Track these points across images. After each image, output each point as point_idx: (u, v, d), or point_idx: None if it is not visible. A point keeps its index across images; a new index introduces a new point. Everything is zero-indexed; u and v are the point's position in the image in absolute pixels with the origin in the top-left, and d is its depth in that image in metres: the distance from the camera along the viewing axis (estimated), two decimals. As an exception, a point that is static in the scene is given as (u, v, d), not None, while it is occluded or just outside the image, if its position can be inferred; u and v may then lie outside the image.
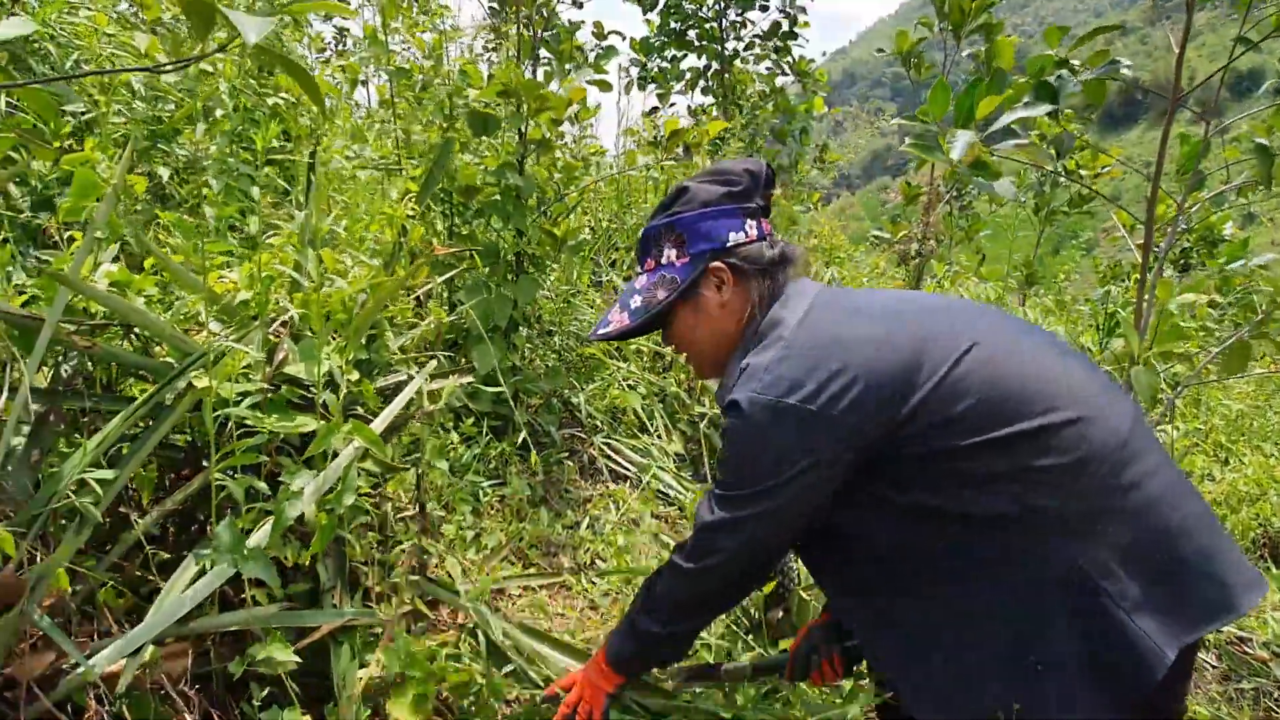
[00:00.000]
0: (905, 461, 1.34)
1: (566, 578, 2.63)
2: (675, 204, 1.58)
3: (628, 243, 4.45)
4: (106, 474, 1.45)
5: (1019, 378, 1.32)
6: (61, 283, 1.43)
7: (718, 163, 1.62)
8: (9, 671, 1.33)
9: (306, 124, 3.38)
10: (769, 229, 1.60)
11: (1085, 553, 1.25)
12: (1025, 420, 1.28)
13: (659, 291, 1.58)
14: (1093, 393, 1.34)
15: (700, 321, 1.59)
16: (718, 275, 1.55)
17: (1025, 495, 1.27)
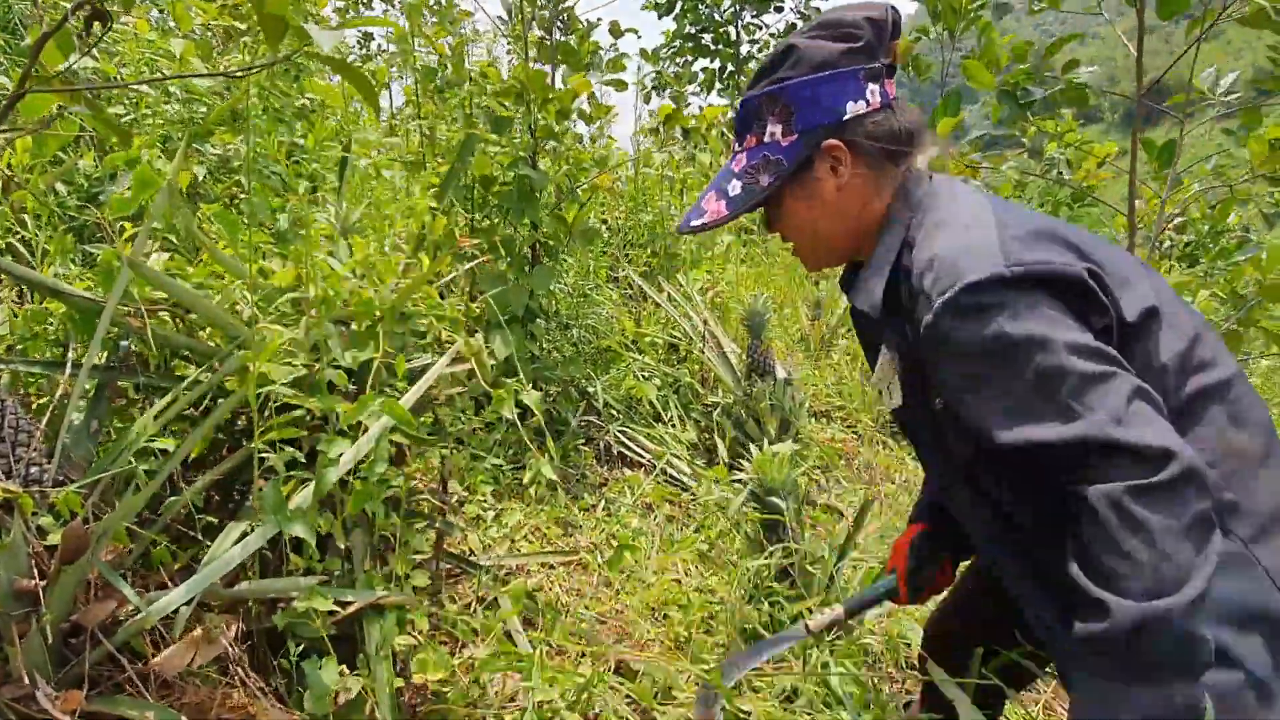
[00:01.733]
0: None
1: (583, 556, 2.75)
2: (781, 66, 1.29)
3: (643, 240, 4.56)
4: (170, 443, 1.59)
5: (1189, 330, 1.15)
6: (132, 268, 1.57)
7: (833, 10, 1.32)
8: (75, 618, 1.46)
9: (333, 125, 3.52)
10: (894, 93, 1.32)
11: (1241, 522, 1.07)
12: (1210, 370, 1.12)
13: (762, 176, 1.32)
14: None
15: (814, 209, 1.33)
16: (834, 155, 1.29)
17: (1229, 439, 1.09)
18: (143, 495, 1.49)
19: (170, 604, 1.52)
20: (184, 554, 1.72)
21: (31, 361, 1.74)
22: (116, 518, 1.46)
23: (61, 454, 1.57)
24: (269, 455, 1.66)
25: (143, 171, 1.67)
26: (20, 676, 1.36)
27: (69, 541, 1.40)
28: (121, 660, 1.48)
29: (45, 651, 1.41)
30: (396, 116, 4.22)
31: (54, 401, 1.62)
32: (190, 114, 3.10)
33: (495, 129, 3.04)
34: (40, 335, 1.78)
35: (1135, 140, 2.69)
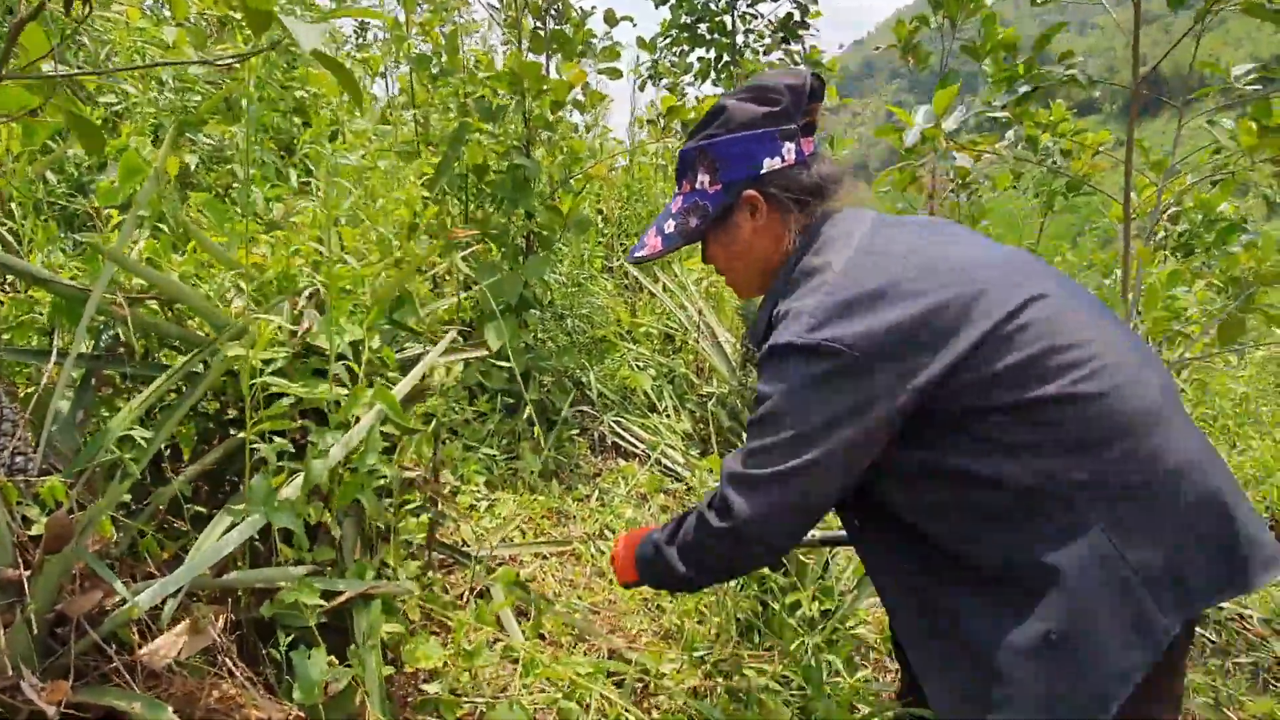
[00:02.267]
0: (939, 423, 1.28)
1: (576, 546, 2.74)
2: (711, 125, 1.51)
3: (638, 229, 4.54)
4: (146, 433, 1.58)
5: (1070, 340, 1.25)
6: (110, 258, 1.55)
7: (759, 76, 1.52)
8: (61, 608, 1.45)
9: (327, 115, 3.50)
10: (810, 149, 1.51)
11: (1110, 521, 1.20)
12: (1064, 383, 1.22)
13: (691, 218, 1.54)
14: (1128, 360, 1.28)
15: (734, 249, 1.55)
16: (751, 203, 1.50)
17: (1053, 461, 1.22)
18: (125, 484, 1.48)
19: (158, 594, 1.51)
20: (172, 545, 1.71)
21: (17, 350, 1.73)
22: (101, 507, 1.45)
23: (47, 443, 1.56)
24: (260, 445, 1.65)
25: (130, 159, 1.65)
26: (5, 667, 1.35)
27: (53, 531, 1.39)
28: (108, 651, 1.47)
29: (30, 642, 1.40)
30: (391, 106, 4.20)
31: (40, 390, 1.61)
32: (183, 103, 3.08)
33: (488, 118, 3.02)
34: (26, 324, 1.77)
35: (1132, 131, 2.68)
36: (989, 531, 1.27)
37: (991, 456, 1.25)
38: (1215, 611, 3.21)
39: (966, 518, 1.30)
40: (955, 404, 1.26)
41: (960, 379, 1.24)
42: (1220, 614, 3.21)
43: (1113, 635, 1.18)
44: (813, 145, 1.52)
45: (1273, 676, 2.93)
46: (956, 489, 1.29)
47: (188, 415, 1.83)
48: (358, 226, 2.15)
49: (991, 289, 1.28)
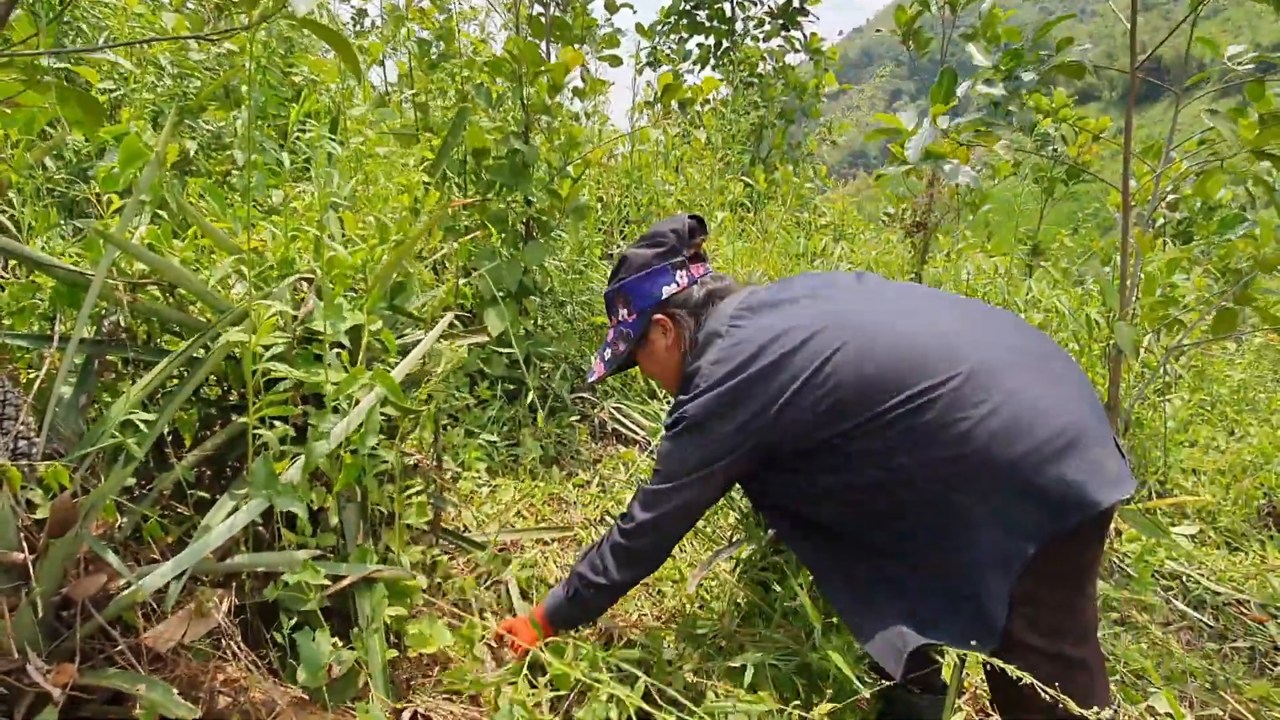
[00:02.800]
0: (792, 453, 1.66)
1: (577, 532, 2.75)
2: (620, 271, 1.96)
3: (637, 216, 4.54)
4: (148, 417, 1.58)
5: (881, 364, 1.55)
6: (111, 242, 1.55)
7: (652, 226, 1.97)
8: (65, 591, 1.46)
9: (326, 102, 3.49)
10: (700, 271, 1.94)
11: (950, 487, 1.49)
12: (875, 407, 1.53)
13: (620, 345, 1.98)
14: (945, 354, 1.54)
15: (655, 361, 1.97)
16: (660, 324, 1.91)
17: (892, 461, 1.53)
18: (129, 468, 1.48)
19: (162, 578, 1.51)
20: (175, 529, 1.71)
21: (18, 335, 1.73)
22: (104, 491, 1.46)
23: (50, 428, 1.56)
24: (262, 430, 1.65)
25: (130, 144, 1.65)
26: (10, 650, 1.36)
27: (57, 515, 1.40)
28: (113, 634, 1.48)
29: (36, 625, 1.41)
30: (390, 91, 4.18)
31: (42, 376, 1.61)
32: (182, 89, 3.07)
33: (487, 103, 3.01)
34: (28, 309, 1.77)
35: (1130, 117, 2.67)
36: (861, 515, 1.65)
37: (842, 469, 1.61)
38: (1212, 596, 3.23)
39: (846, 510, 1.67)
40: (796, 437, 1.63)
41: (788, 418, 1.60)
42: (1218, 599, 3.23)
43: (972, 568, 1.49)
44: (703, 269, 1.95)
45: (1270, 661, 2.95)
46: (831, 494, 1.67)
47: (189, 401, 1.84)
48: (357, 212, 2.15)
49: (820, 335, 1.61)
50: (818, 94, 6.55)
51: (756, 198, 5.80)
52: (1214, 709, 2.46)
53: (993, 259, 5.55)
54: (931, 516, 1.53)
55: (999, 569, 1.46)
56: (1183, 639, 2.93)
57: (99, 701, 1.51)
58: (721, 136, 5.25)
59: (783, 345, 1.63)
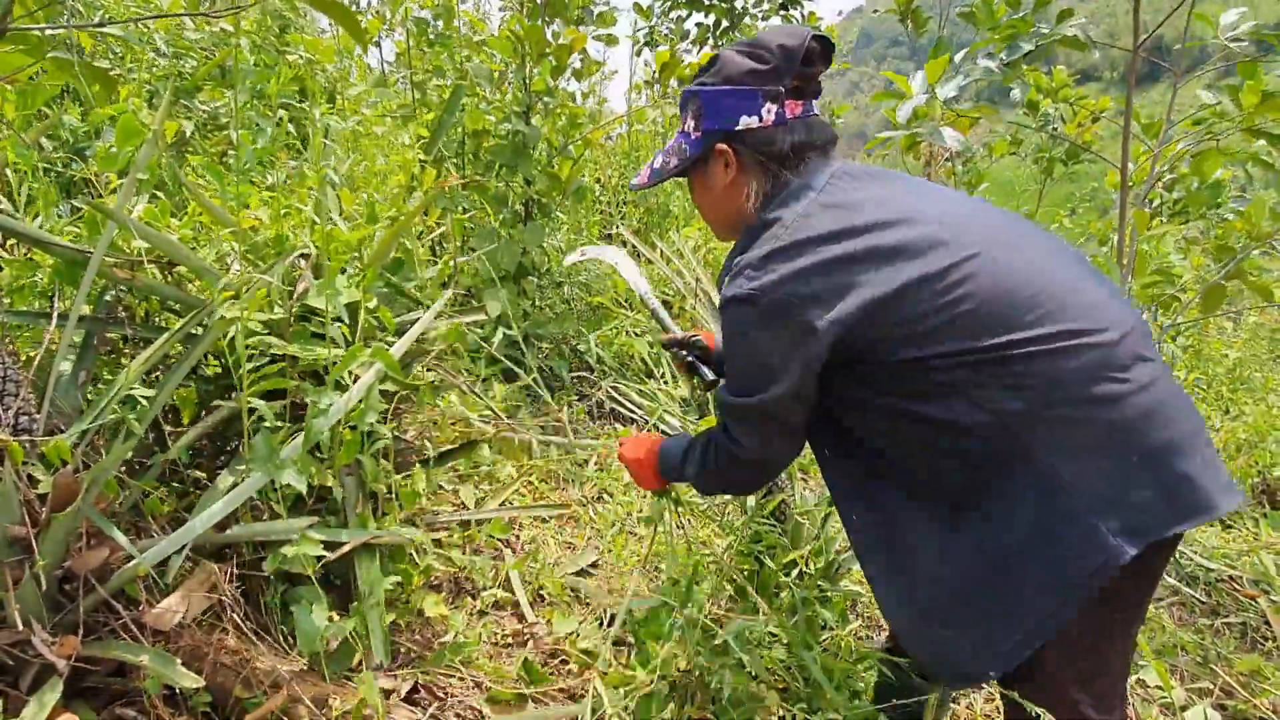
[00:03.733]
0: (882, 365, 1.35)
1: (575, 510, 2.77)
2: (706, 73, 1.55)
3: (636, 197, 4.54)
4: (148, 392, 1.60)
5: (1013, 290, 1.30)
6: (111, 218, 1.56)
7: (764, 31, 1.53)
8: (68, 565, 1.48)
9: (322, 82, 3.48)
10: (796, 111, 1.51)
11: (1055, 455, 1.27)
12: (1011, 333, 1.28)
13: (673, 159, 1.62)
14: (1089, 303, 1.32)
15: (707, 195, 1.61)
16: (723, 157, 1.53)
17: (995, 404, 1.28)
18: (130, 444, 1.50)
19: (163, 551, 1.53)
20: (176, 503, 1.73)
21: (18, 313, 1.74)
22: (105, 465, 1.47)
23: (51, 404, 1.58)
24: (258, 406, 1.66)
25: (127, 121, 1.65)
26: (15, 622, 1.38)
27: (59, 489, 1.41)
28: (116, 606, 1.50)
29: (39, 598, 1.43)
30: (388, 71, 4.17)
31: (42, 352, 1.63)
32: (178, 69, 3.07)
33: (488, 82, 3.01)
34: (28, 286, 1.78)
35: (1130, 96, 2.67)
36: (938, 461, 1.37)
37: (933, 398, 1.33)
38: (1205, 573, 3.26)
39: (918, 449, 1.39)
40: (901, 351, 1.32)
41: (903, 329, 1.31)
42: (1210, 575, 3.26)
43: (1053, 562, 1.27)
44: (800, 109, 1.52)
45: (1260, 635, 2.98)
46: (906, 423, 1.38)
47: (188, 378, 1.85)
48: (354, 190, 2.15)
49: (945, 239, 1.33)
50: (817, 74, 6.51)
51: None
52: (1204, 682, 2.48)
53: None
54: (1022, 488, 1.29)
55: (1083, 571, 1.25)
56: (1175, 614, 2.96)
57: (103, 673, 1.53)
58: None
59: (908, 223, 1.35)
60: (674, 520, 2.75)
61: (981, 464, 1.32)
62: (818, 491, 3.01)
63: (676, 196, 4.69)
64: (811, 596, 2.02)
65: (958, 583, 1.37)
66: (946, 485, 1.38)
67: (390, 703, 1.74)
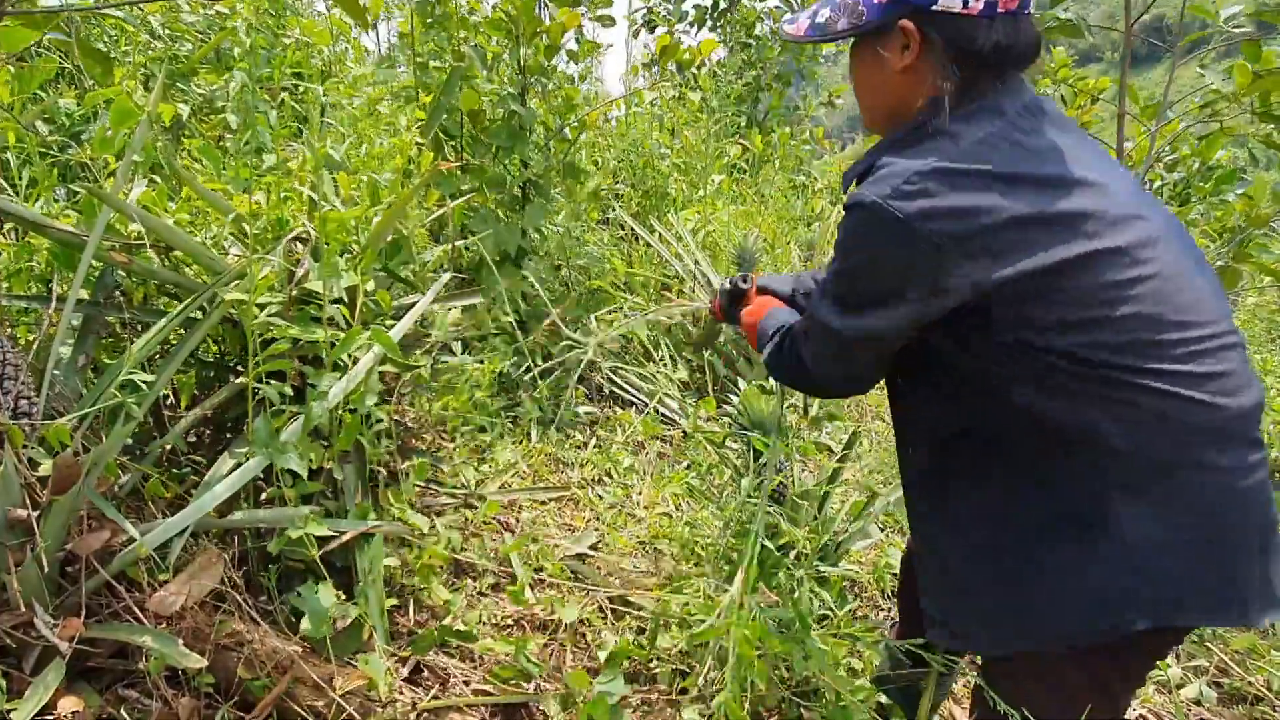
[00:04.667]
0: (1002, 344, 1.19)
1: (575, 492, 2.78)
2: None
3: (634, 179, 4.53)
4: (148, 376, 1.60)
5: (1176, 297, 1.16)
6: (107, 203, 1.56)
7: None
8: (70, 547, 1.48)
9: (318, 65, 3.47)
10: (1010, 5, 1.24)
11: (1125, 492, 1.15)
12: (1159, 349, 1.14)
13: (843, 18, 1.33)
14: (1227, 347, 1.18)
15: (873, 76, 1.36)
16: (906, 36, 1.27)
17: (1088, 417, 1.15)
18: (130, 426, 1.50)
19: (165, 533, 1.54)
20: (176, 486, 1.73)
21: (16, 296, 1.74)
22: (106, 448, 1.48)
23: (50, 388, 1.58)
24: (261, 388, 1.67)
25: (121, 104, 1.65)
26: (18, 604, 1.39)
27: (60, 472, 1.41)
28: (118, 588, 1.50)
29: (42, 580, 1.43)
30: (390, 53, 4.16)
31: (40, 336, 1.63)
32: (173, 52, 3.05)
33: (483, 63, 2.99)
34: (25, 270, 1.78)
35: (1125, 77, 2.66)
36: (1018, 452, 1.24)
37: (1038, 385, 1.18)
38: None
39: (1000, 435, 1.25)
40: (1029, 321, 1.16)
41: (1053, 312, 1.15)
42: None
43: (1080, 590, 1.18)
44: (1016, 3, 1.25)
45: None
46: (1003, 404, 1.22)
47: (187, 361, 1.85)
48: (352, 173, 2.15)
49: (1104, 217, 1.17)
50: (816, 55, 6.50)
51: (753, 160, 5.77)
52: (1200, 660, 2.50)
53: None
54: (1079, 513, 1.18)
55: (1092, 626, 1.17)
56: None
57: (105, 654, 1.54)
58: (717, 99, 5.22)
59: (1085, 189, 1.17)
60: (674, 503, 2.77)
61: (1056, 482, 1.20)
62: (816, 474, 3.03)
63: (674, 180, 4.68)
64: (809, 576, 2.03)
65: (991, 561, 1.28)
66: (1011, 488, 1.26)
67: (392, 682, 1.75)
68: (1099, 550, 1.16)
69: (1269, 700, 2.39)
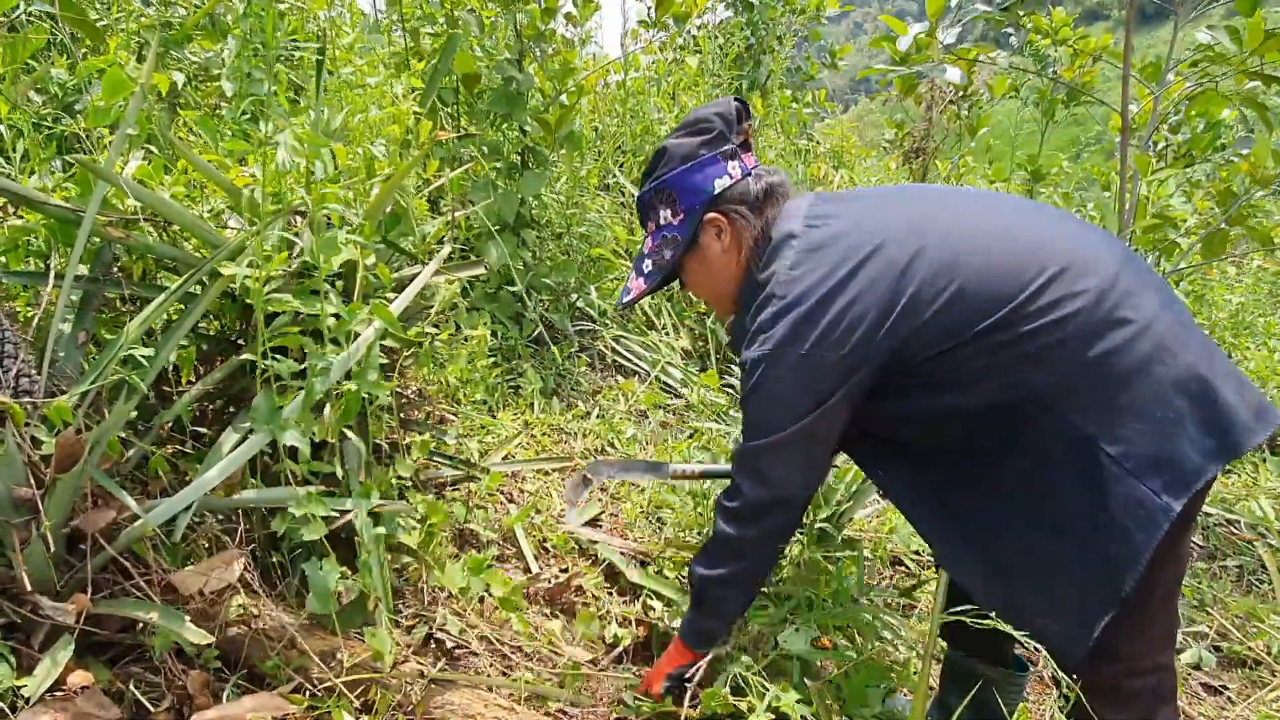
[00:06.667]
0: (903, 373, 1.43)
1: (578, 462, 2.78)
2: (659, 167, 1.65)
3: (633, 145, 4.48)
4: (148, 352, 1.59)
5: (984, 264, 1.37)
6: (102, 177, 1.54)
7: (690, 114, 1.66)
8: (76, 524, 1.48)
9: (314, 31, 3.41)
10: (752, 162, 1.65)
11: (1088, 421, 1.31)
12: (1005, 306, 1.33)
13: (665, 252, 1.67)
14: (1070, 252, 1.36)
15: (708, 269, 1.67)
16: (715, 224, 1.62)
17: (1019, 379, 1.34)
18: (132, 402, 1.49)
19: (169, 510, 1.54)
20: (183, 462, 1.73)
21: (15, 273, 1.72)
22: (108, 425, 1.47)
23: (51, 365, 1.57)
24: (269, 363, 1.65)
25: (114, 74, 1.62)
26: (24, 582, 1.39)
27: (63, 450, 1.41)
28: (125, 565, 1.51)
29: (47, 558, 1.43)
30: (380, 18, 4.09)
31: (39, 313, 1.61)
32: (166, 18, 3.00)
33: (479, 28, 2.95)
34: (22, 246, 1.76)
35: (1128, 38, 2.62)
36: (985, 445, 1.43)
37: (959, 388, 1.40)
38: (1204, 517, 3.29)
39: (963, 439, 1.46)
40: (911, 356, 1.41)
41: (913, 342, 1.39)
42: (1209, 520, 3.29)
43: (1111, 523, 1.30)
44: (753, 160, 1.66)
45: (1256, 579, 3.02)
46: (944, 419, 1.45)
47: (186, 337, 1.84)
48: (349, 144, 2.12)
49: (913, 245, 1.41)
50: (819, 16, 6.40)
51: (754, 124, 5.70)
52: (1201, 625, 2.52)
53: (993, 184, 5.50)
54: (1064, 456, 1.34)
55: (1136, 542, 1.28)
56: (1173, 558, 2.98)
57: (113, 630, 1.55)
58: (717, 63, 5.15)
59: (885, 245, 1.42)
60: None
61: (1029, 448, 1.37)
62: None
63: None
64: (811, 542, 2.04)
65: (1032, 566, 1.41)
66: (1000, 474, 1.43)
67: (398, 654, 1.76)
68: (1105, 483, 1.30)
69: (1268, 664, 2.42)
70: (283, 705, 1.49)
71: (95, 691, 1.42)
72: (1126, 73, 2.48)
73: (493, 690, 1.75)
